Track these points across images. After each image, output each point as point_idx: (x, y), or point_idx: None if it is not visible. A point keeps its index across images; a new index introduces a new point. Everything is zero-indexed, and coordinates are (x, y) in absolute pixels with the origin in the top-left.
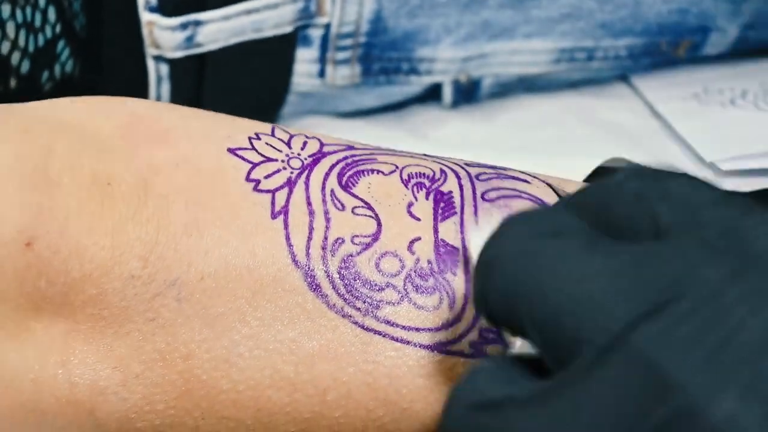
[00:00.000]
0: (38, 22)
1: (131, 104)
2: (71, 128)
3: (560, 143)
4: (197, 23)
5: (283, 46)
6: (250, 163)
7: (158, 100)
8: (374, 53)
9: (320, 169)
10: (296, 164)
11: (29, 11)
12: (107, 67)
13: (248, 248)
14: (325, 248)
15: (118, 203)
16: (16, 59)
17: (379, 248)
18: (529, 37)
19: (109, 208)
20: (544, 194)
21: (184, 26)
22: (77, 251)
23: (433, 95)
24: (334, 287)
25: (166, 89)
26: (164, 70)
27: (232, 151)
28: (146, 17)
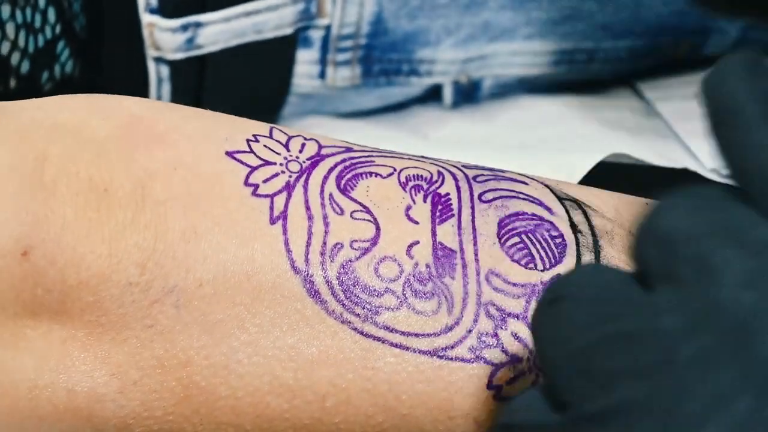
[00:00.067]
0: (38, 22)
1: (129, 104)
2: (67, 131)
3: (560, 143)
4: (198, 25)
5: (283, 47)
6: (248, 166)
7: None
8: (375, 55)
9: (318, 172)
10: (294, 167)
11: (29, 12)
12: (107, 68)
13: (247, 254)
14: (324, 254)
15: (115, 210)
16: (15, 60)
17: (377, 253)
18: (529, 38)
19: (106, 214)
20: (542, 195)
21: (184, 28)
22: (74, 260)
23: (433, 96)
24: (333, 293)
25: (166, 91)
26: (165, 71)
27: (230, 154)
28: (147, 19)
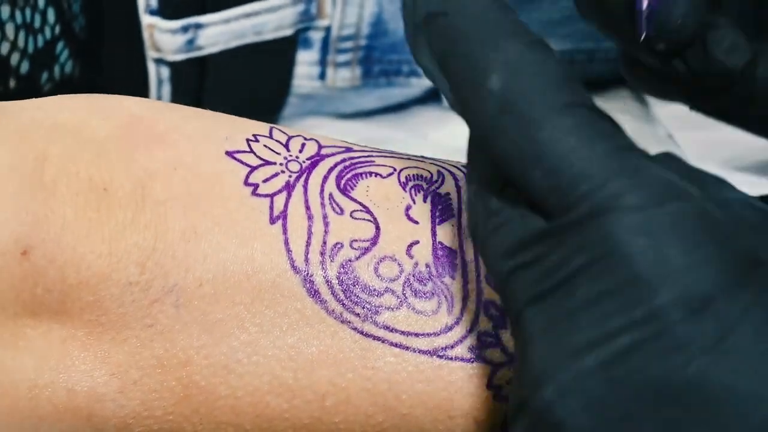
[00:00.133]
0: (37, 23)
1: (129, 104)
2: (67, 131)
3: None
4: (198, 26)
5: (283, 48)
6: (248, 166)
7: None
8: (375, 55)
9: (318, 172)
10: (294, 167)
11: (28, 12)
12: (108, 69)
13: (247, 254)
14: (324, 253)
15: (115, 209)
16: (15, 60)
17: (377, 253)
18: None
19: (106, 215)
20: None
21: (184, 29)
22: (73, 259)
23: (433, 97)
24: (333, 293)
25: (166, 92)
26: (165, 73)
27: (230, 154)
28: (147, 20)
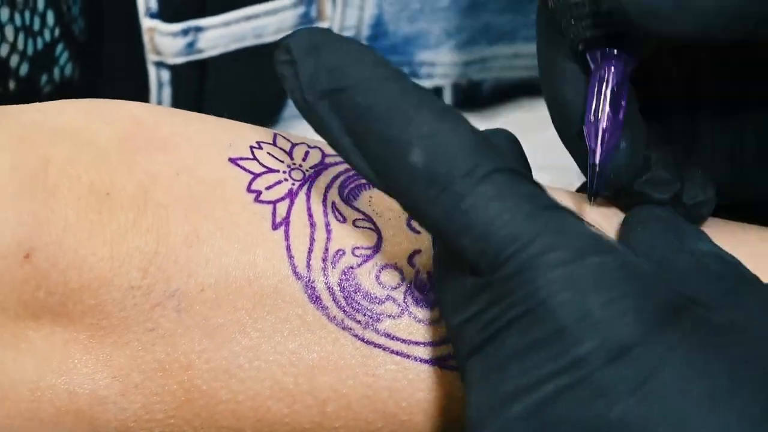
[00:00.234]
0: (37, 25)
1: (131, 108)
2: (69, 135)
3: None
4: (198, 29)
5: None
6: (251, 173)
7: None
8: None
9: (322, 181)
10: (298, 176)
11: (28, 15)
12: (108, 72)
13: (249, 259)
14: (325, 260)
15: (117, 213)
16: (15, 62)
17: (379, 260)
18: (529, 40)
19: (107, 218)
20: None
21: (185, 32)
22: (75, 262)
23: None
24: (334, 299)
25: (167, 95)
26: (165, 76)
27: (233, 161)
28: (147, 23)
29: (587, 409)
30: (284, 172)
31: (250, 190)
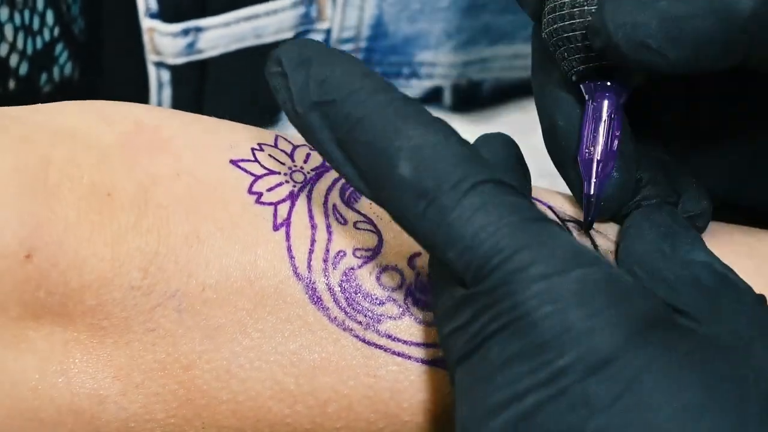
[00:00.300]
0: (36, 24)
1: (133, 110)
2: (70, 136)
3: None
4: (198, 29)
5: None
6: (252, 175)
7: (159, 105)
8: (375, 57)
9: (323, 183)
10: (299, 178)
11: (27, 14)
12: (108, 72)
13: (250, 259)
14: (326, 261)
15: (117, 213)
16: (14, 61)
17: (380, 262)
18: (529, 41)
19: (108, 218)
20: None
21: (185, 32)
22: (76, 262)
23: (433, 98)
24: (335, 300)
25: (167, 95)
26: (165, 76)
27: (234, 162)
28: (147, 23)
29: (567, 421)
30: (285, 174)
31: (251, 191)
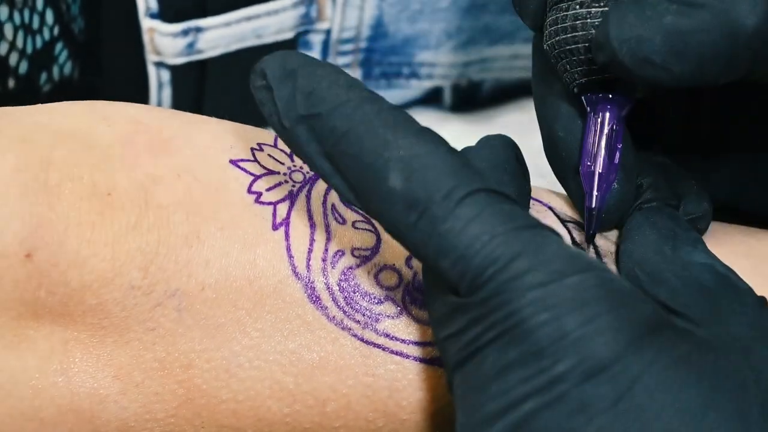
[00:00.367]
0: (36, 24)
1: (133, 110)
2: (71, 136)
3: None
4: (198, 30)
5: None
6: (252, 175)
7: (159, 105)
8: (375, 58)
9: (322, 183)
10: (298, 177)
11: (27, 13)
12: (107, 72)
13: (249, 259)
14: (325, 260)
15: (118, 214)
16: (14, 60)
17: (378, 261)
18: (529, 41)
19: (109, 218)
20: (543, 218)
21: (185, 33)
22: (76, 262)
23: (433, 98)
24: (333, 299)
25: (167, 95)
26: (165, 76)
27: (234, 162)
28: (147, 24)
29: (565, 425)
30: (285, 174)
31: (250, 191)
